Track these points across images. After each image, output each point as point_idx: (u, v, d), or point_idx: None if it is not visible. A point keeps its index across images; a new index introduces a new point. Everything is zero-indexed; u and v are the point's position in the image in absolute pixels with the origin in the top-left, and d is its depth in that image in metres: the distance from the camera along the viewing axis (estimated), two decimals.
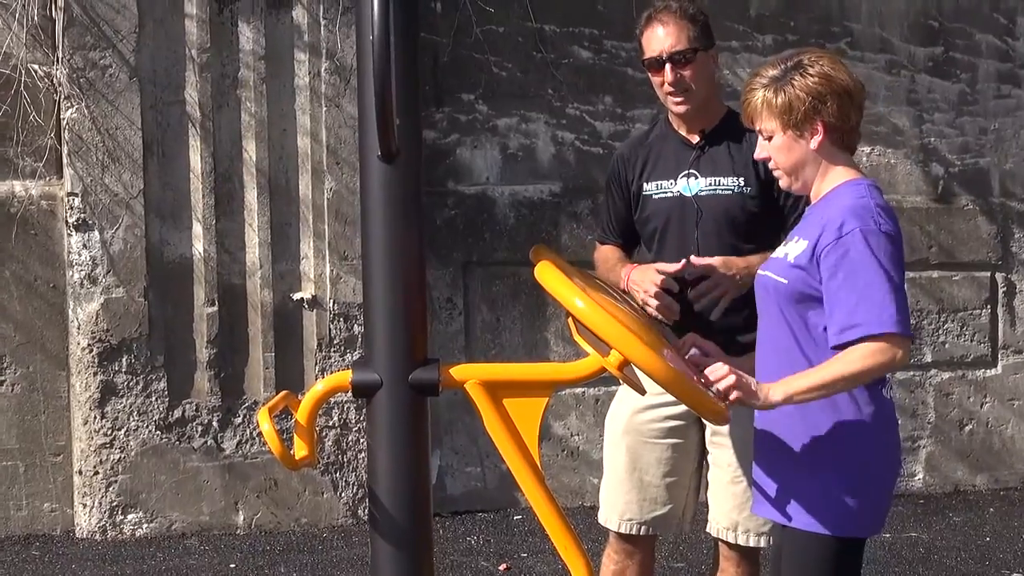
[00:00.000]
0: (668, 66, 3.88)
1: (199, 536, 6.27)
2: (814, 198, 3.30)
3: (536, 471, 3.05)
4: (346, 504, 6.49)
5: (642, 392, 3.38)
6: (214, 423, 6.31)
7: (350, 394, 3.06)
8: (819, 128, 3.21)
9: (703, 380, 3.11)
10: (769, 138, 3.27)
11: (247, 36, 6.26)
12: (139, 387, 6.20)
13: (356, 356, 6.26)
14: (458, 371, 3.06)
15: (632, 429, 3.99)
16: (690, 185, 3.93)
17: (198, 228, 6.24)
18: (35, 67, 6.15)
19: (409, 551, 3.04)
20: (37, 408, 6.29)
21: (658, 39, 3.90)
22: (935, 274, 7.24)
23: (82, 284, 6.14)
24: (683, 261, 3.80)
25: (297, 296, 6.38)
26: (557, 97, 6.82)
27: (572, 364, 3.13)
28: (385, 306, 3.00)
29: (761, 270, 3.36)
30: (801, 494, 3.22)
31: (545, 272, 3.12)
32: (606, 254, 4.11)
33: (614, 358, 2.99)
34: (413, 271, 3.02)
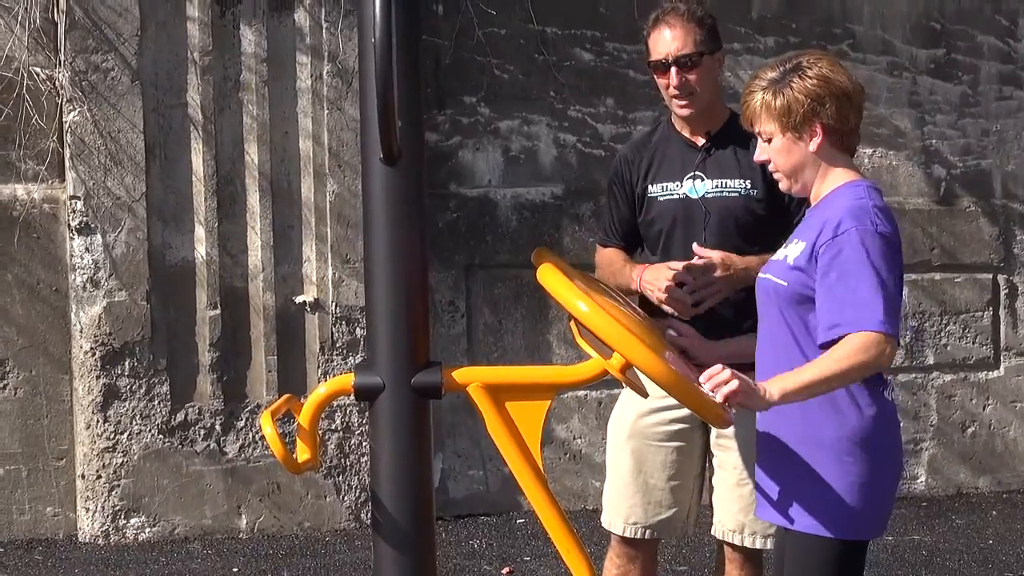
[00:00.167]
0: (673, 69, 3.88)
1: (202, 540, 6.27)
2: (814, 200, 3.30)
3: (538, 474, 3.04)
4: (349, 508, 6.49)
5: (644, 395, 3.38)
6: (217, 427, 6.31)
7: (352, 397, 3.06)
8: (818, 130, 3.21)
9: (700, 382, 3.10)
10: (768, 140, 3.27)
11: (249, 39, 6.26)
12: (141, 391, 6.20)
13: (358, 359, 6.25)
14: (460, 374, 3.06)
15: (637, 433, 3.99)
16: (696, 187, 3.93)
17: (200, 231, 6.24)
18: (37, 70, 6.15)
19: (412, 554, 3.04)
20: (40, 412, 6.29)
21: (664, 42, 3.90)
22: (937, 276, 7.23)
23: (84, 287, 6.14)
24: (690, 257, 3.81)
25: (299, 299, 6.38)
26: (559, 99, 6.82)
27: (574, 367, 3.13)
28: (387, 309, 3.00)
29: (761, 273, 3.36)
30: (803, 497, 3.22)
31: (547, 275, 3.12)
32: (609, 257, 4.10)
33: (616, 361, 2.99)
34: (415, 274, 3.02)
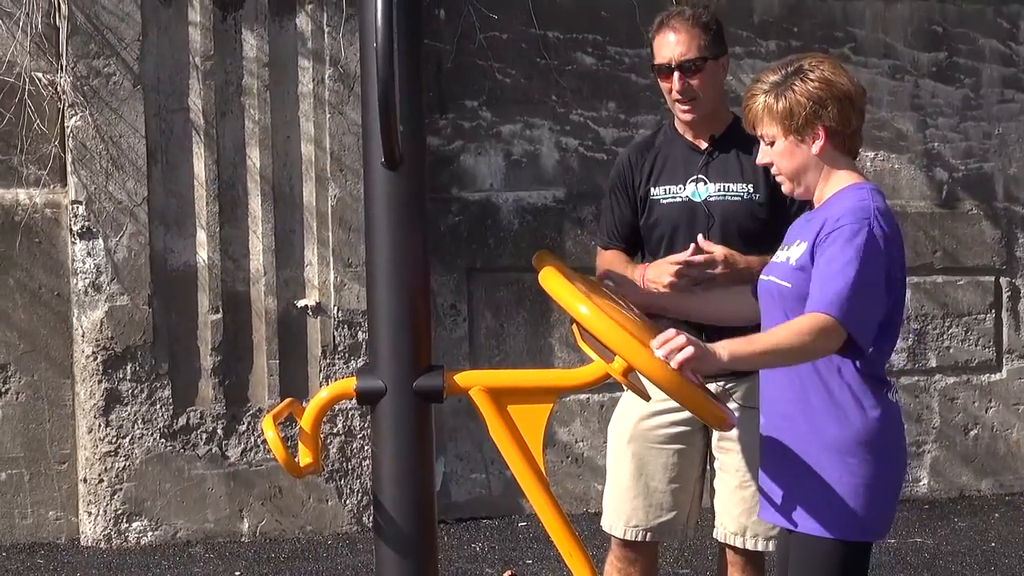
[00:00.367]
0: (676, 74, 3.88)
1: (204, 544, 6.27)
2: (817, 203, 3.30)
3: (540, 477, 3.04)
4: (351, 511, 6.49)
5: (647, 398, 3.38)
6: (218, 431, 6.31)
7: (354, 401, 3.06)
8: (820, 133, 3.22)
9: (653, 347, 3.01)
10: (771, 143, 3.28)
11: (251, 43, 6.26)
12: (143, 395, 6.20)
13: (360, 363, 6.25)
14: (462, 378, 3.06)
15: (638, 435, 3.98)
16: (699, 190, 3.93)
17: (202, 235, 6.24)
18: (39, 75, 6.15)
19: (414, 558, 3.04)
20: (42, 416, 6.29)
21: (668, 46, 3.90)
22: (939, 279, 7.23)
23: (86, 292, 6.14)
24: (692, 245, 3.79)
25: (301, 303, 6.38)
26: (561, 103, 6.82)
27: (576, 370, 3.13)
28: (389, 313, 3.00)
29: (764, 275, 3.37)
30: (807, 499, 3.22)
31: (549, 278, 3.12)
32: (610, 260, 4.09)
33: (618, 364, 2.98)
34: (417, 278, 3.02)
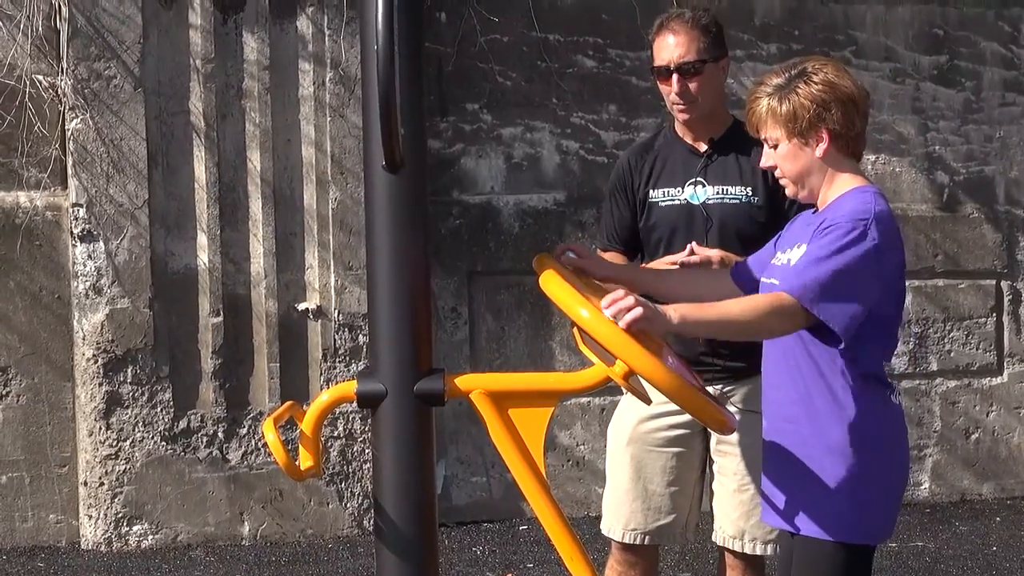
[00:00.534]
0: (675, 76, 3.88)
1: (204, 547, 6.26)
2: (821, 205, 3.29)
3: (541, 481, 3.03)
4: (351, 515, 6.48)
5: (648, 402, 3.38)
6: (219, 434, 6.31)
7: (355, 404, 3.05)
8: (824, 136, 3.22)
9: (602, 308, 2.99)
10: (774, 146, 3.27)
11: (251, 46, 6.26)
12: (144, 398, 6.20)
13: (361, 366, 6.25)
14: (463, 381, 3.05)
15: (637, 438, 3.98)
16: (697, 193, 3.93)
17: (203, 238, 6.24)
18: (40, 78, 6.15)
19: (414, 562, 3.03)
20: (42, 419, 6.28)
21: (668, 48, 3.90)
22: (940, 282, 7.22)
23: (87, 295, 6.14)
24: (688, 247, 3.80)
25: (302, 306, 6.37)
26: (561, 106, 6.82)
27: (577, 374, 3.12)
28: (390, 316, 2.99)
29: (764, 277, 3.36)
30: (810, 502, 3.21)
31: (549, 281, 3.11)
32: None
33: (619, 368, 2.98)
34: (418, 281, 3.01)
